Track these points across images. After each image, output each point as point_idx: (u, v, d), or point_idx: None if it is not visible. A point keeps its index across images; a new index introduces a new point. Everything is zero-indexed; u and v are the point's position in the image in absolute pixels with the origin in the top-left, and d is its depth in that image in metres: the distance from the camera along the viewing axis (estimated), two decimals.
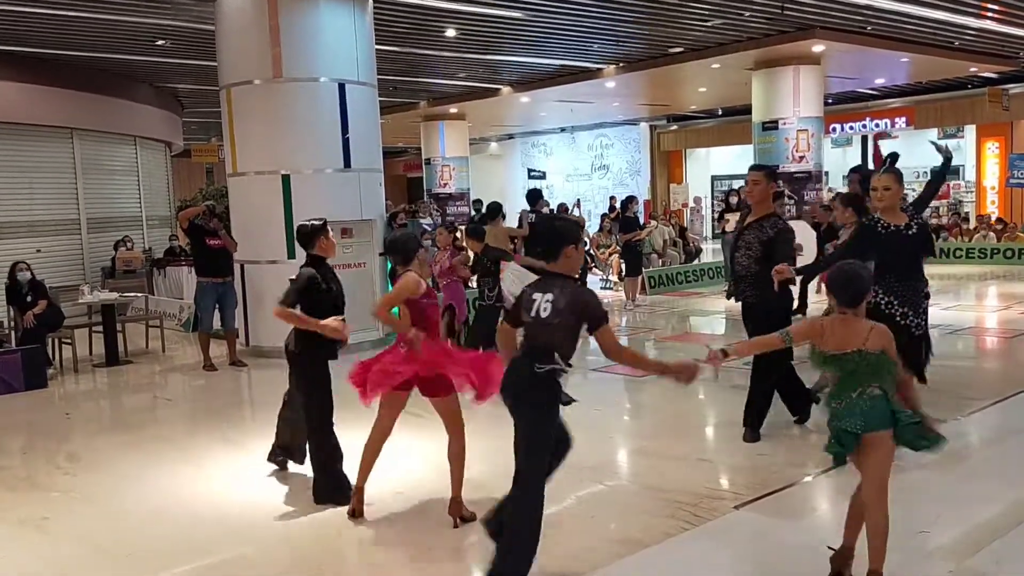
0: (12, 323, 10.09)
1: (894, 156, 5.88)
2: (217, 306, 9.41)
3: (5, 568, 4.38)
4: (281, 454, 5.66)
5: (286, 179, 9.74)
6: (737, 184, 21.73)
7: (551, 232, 3.72)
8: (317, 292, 5.11)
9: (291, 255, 9.77)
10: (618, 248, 15.04)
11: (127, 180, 15.83)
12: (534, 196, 12.92)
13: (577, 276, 3.80)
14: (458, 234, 13.72)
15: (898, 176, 5.53)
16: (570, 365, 3.66)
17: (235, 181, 10.25)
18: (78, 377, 9.55)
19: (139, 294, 11.77)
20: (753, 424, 5.91)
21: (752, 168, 6.15)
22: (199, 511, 5.08)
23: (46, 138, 13.79)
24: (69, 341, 9.85)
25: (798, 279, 7.39)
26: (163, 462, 6.10)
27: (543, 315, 3.59)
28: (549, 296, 3.60)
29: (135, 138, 15.93)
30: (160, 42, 13.02)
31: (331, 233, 5.32)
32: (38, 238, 13.43)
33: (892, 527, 3.58)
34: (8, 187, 13.12)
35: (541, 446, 3.64)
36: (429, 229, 13.36)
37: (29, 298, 9.57)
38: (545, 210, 16.87)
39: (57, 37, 12.40)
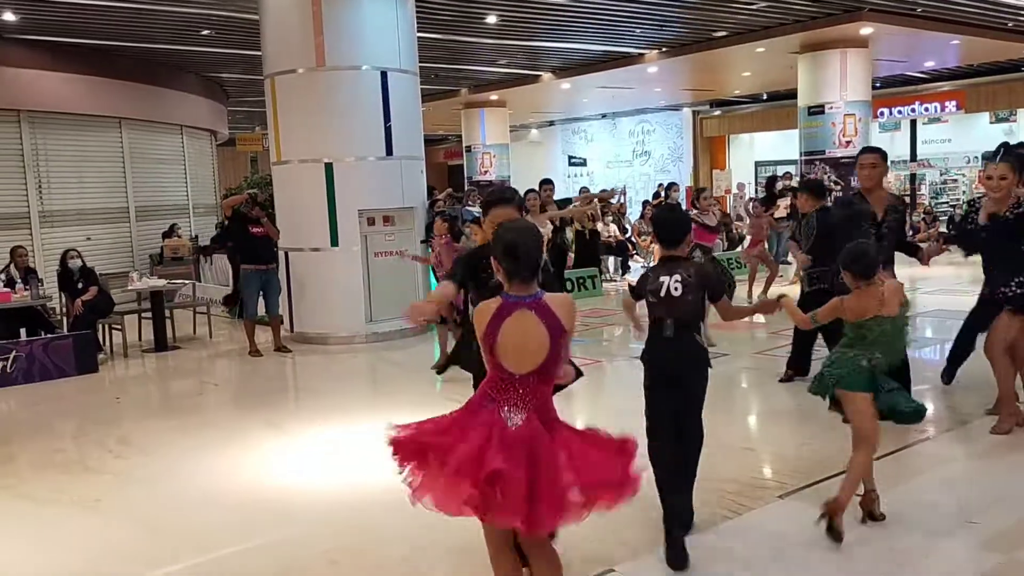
0: (64, 309, 10.34)
1: (1006, 145, 5.65)
2: (261, 293, 9.53)
3: (60, 548, 4.50)
4: None
5: (329, 167, 9.82)
6: (782, 170, 21.44)
7: (683, 222, 4.18)
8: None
9: (334, 243, 9.88)
10: None
11: (174, 169, 16.08)
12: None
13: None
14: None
15: (1014, 165, 5.29)
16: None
17: (279, 169, 10.36)
18: (128, 362, 9.75)
19: (186, 281, 11.98)
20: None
21: (865, 150, 6.03)
22: (244, 494, 5.16)
23: (95, 128, 14.05)
24: (119, 327, 10.06)
25: None
26: (210, 446, 6.21)
27: (675, 293, 3.93)
28: (677, 276, 3.94)
29: (181, 127, 16.17)
30: (205, 32, 13.18)
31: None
32: (88, 226, 13.72)
33: (942, 516, 3.55)
34: (59, 176, 13.40)
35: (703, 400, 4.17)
36: (477, 216, 13.34)
37: (80, 285, 9.80)
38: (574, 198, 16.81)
39: (105, 28, 12.61)
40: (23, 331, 9.01)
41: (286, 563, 4.16)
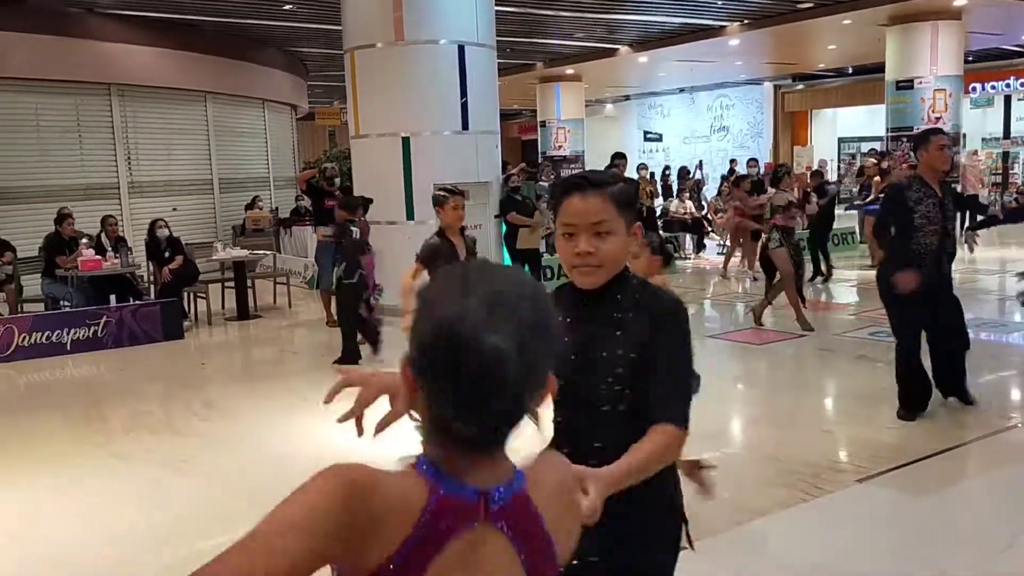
0: (151, 277, 10.72)
1: None
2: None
3: (150, 505, 4.70)
4: None
5: (406, 141, 9.91)
6: (866, 146, 20.80)
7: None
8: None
9: (410, 216, 9.98)
10: None
11: (256, 142, 16.44)
12: None
13: None
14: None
15: None
16: None
17: (357, 143, 10.49)
18: (211, 329, 10.08)
19: (267, 252, 12.28)
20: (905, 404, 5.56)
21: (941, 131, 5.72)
22: (322, 458, 5.26)
23: (182, 101, 14.44)
24: (203, 295, 10.39)
25: None
26: (290, 411, 6.38)
27: None
28: None
29: (264, 101, 16.49)
30: (288, 6, 13.38)
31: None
32: (175, 197, 14.14)
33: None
34: (148, 148, 13.83)
35: None
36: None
37: (167, 254, 10.15)
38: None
39: (192, 2, 12.92)
40: (113, 297, 9.39)
41: None
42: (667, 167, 18.15)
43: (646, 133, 29.15)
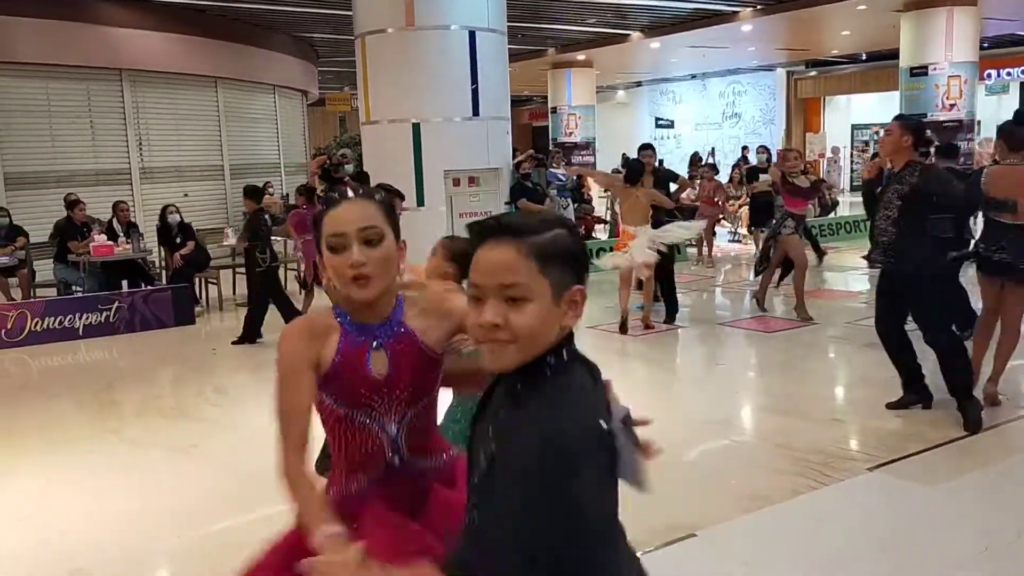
0: (163, 263, 10.76)
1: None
2: None
3: (160, 490, 4.73)
4: None
5: (416, 127, 9.89)
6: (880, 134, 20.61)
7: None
8: None
9: (420, 202, 9.97)
10: (748, 200, 14.60)
11: (266, 128, 16.45)
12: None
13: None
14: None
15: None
16: None
17: (368, 129, 10.47)
18: (222, 315, 10.11)
19: (277, 239, 12.28)
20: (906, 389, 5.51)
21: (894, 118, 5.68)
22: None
23: (193, 87, 14.44)
24: (214, 281, 10.42)
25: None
26: None
27: None
28: None
29: (274, 87, 16.49)
30: None
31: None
32: (186, 183, 14.17)
33: None
34: (159, 134, 13.85)
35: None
36: (562, 180, 13.28)
37: (178, 239, 10.18)
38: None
39: None
40: (125, 283, 9.43)
41: None
42: (695, 153, 18.08)
43: (658, 120, 29.03)
